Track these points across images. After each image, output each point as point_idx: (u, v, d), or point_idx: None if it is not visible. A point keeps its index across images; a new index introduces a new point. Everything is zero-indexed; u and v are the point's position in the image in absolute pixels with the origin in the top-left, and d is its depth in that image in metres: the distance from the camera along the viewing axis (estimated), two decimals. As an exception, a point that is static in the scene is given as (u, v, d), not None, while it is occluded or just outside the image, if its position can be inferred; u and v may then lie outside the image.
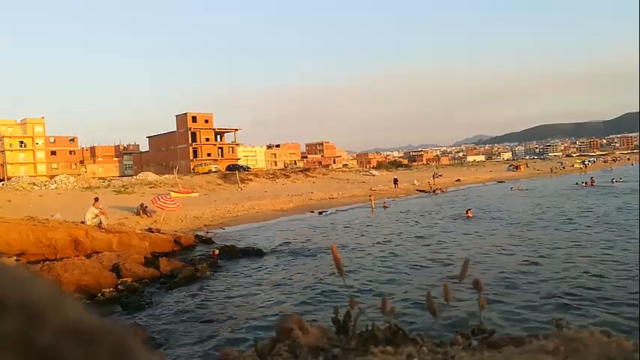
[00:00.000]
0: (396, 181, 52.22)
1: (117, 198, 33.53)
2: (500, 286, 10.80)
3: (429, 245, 17.17)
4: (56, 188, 38.01)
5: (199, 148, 78.58)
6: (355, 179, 62.15)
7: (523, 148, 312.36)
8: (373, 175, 68.53)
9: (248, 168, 67.96)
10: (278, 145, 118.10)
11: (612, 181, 45.18)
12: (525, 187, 44.35)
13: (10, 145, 79.91)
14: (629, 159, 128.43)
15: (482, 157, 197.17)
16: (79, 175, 66.75)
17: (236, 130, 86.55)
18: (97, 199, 19.45)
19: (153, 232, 18.42)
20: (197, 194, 35.43)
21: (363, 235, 20.52)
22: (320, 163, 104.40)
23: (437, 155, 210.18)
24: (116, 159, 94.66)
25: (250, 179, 53.51)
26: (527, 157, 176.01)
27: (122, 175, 71.31)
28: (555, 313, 8.57)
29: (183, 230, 21.38)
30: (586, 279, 11.18)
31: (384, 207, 32.73)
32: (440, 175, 64.25)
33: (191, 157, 76.77)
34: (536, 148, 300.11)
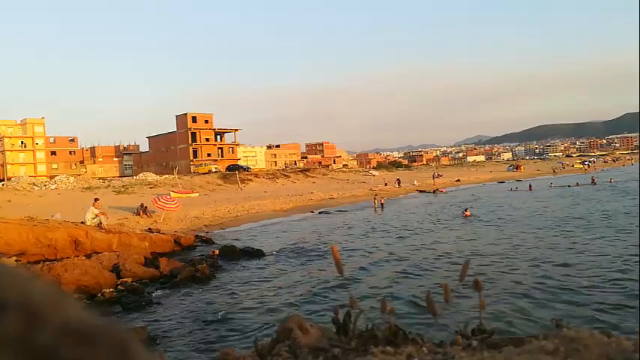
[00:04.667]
0: (399, 181, 53.33)
1: (117, 198, 33.53)
2: (499, 286, 10.81)
3: (428, 245, 17.17)
4: (56, 188, 38.02)
5: (199, 149, 78.57)
6: (355, 179, 62.15)
7: (523, 148, 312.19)
8: (373, 176, 68.51)
9: (248, 168, 67.96)
10: (278, 146, 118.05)
11: (610, 181, 45.97)
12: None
13: (12, 145, 79.91)
14: (630, 159, 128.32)
15: (482, 158, 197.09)
16: (79, 175, 66.72)
17: (236, 130, 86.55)
18: (97, 200, 19.45)
19: (153, 232, 18.42)
20: (197, 194, 35.42)
21: (363, 235, 20.52)
22: (320, 163, 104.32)
23: (437, 155, 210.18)
24: (116, 159, 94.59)
25: (250, 179, 53.52)
26: (527, 158, 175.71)
27: (122, 176, 71.25)
28: (554, 313, 8.57)
29: (184, 230, 21.37)
30: (583, 278, 11.19)
31: (382, 203, 34.13)
32: (440, 176, 64.23)
33: (191, 158, 76.74)
34: (536, 148, 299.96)
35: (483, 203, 33.03)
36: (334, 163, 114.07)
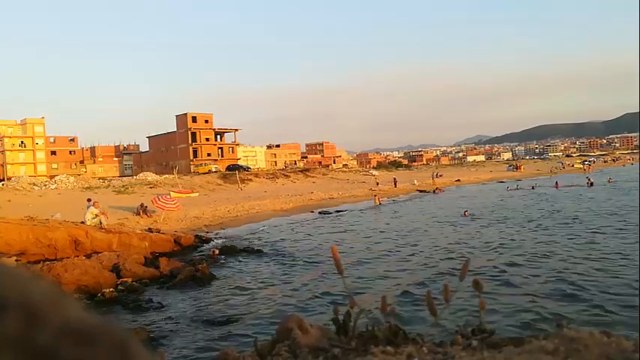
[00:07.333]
0: (395, 181, 53.77)
1: (117, 198, 33.54)
2: (498, 286, 10.81)
3: (428, 244, 17.17)
4: (56, 188, 38.02)
5: (199, 148, 78.59)
6: (355, 179, 62.15)
7: (523, 148, 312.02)
8: (373, 175, 68.52)
9: (248, 168, 67.98)
10: (278, 145, 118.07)
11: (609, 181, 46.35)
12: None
13: (12, 145, 79.90)
14: (630, 159, 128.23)
15: (482, 157, 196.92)
16: (79, 175, 66.69)
17: (236, 130, 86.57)
18: (90, 200, 19.42)
19: (153, 232, 18.42)
20: (197, 194, 35.43)
21: (363, 235, 20.52)
22: (320, 163, 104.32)
23: (437, 155, 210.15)
24: (116, 159, 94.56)
25: (250, 179, 53.53)
26: (527, 157, 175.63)
27: (122, 175, 71.23)
28: (554, 312, 8.56)
29: (184, 230, 21.37)
30: (581, 277, 11.19)
31: (381, 202, 34.79)
32: (440, 176, 64.25)
33: (191, 157, 76.76)
34: (536, 148, 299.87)
35: (483, 203, 33.03)
36: (334, 163, 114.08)
